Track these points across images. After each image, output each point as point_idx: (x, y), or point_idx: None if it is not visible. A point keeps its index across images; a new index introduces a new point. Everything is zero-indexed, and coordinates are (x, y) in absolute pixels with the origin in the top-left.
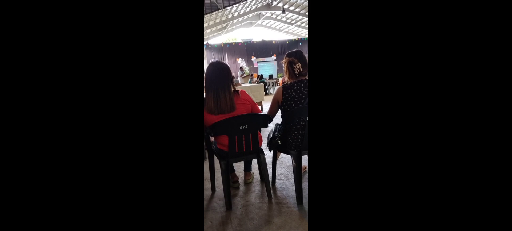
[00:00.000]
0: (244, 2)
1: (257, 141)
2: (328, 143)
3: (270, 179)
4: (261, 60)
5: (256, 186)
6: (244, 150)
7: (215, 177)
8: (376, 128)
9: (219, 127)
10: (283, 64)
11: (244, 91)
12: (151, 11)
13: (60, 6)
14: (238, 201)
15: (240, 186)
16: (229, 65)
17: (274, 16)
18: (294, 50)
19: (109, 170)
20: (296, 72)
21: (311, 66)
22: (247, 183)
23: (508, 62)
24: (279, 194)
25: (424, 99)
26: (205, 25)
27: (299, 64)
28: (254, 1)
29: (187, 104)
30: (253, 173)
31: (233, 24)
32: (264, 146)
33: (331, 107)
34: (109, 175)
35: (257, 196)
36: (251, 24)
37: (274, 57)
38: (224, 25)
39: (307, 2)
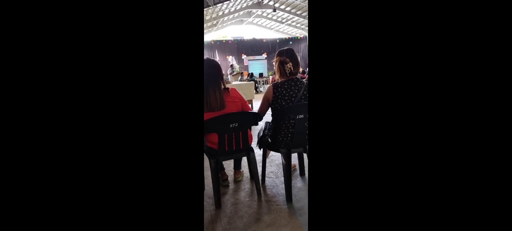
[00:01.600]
0: None
1: (247, 139)
2: (328, 142)
3: (260, 177)
4: (252, 59)
5: (246, 184)
6: (234, 148)
7: (204, 175)
8: (376, 127)
9: (209, 124)
10: (274, 63)
11: (235, 89)
12: (151, 10)
13: (59, 3)
14: (227, 199)
15: (229, 184)
16: (219, 62)
17: (265, 14)
18: (285, 48)
19: (110, 170)
20: (287, 71)
21: (311, 66)
22: (237, 181)
23: (508, 62)
24: (269, 192)
25: (425, 99)
26: None
27: (291, 63)
28: None
29: (187, 103)
30: (242, 171)
31: (223, 22)
32: (254, 144)
33: (331, 106)
34: (110, 175)
35: (246, 194)
36: (241, 22)
37: (264, 55)
38: (215, 22)
39: (297, 1)
